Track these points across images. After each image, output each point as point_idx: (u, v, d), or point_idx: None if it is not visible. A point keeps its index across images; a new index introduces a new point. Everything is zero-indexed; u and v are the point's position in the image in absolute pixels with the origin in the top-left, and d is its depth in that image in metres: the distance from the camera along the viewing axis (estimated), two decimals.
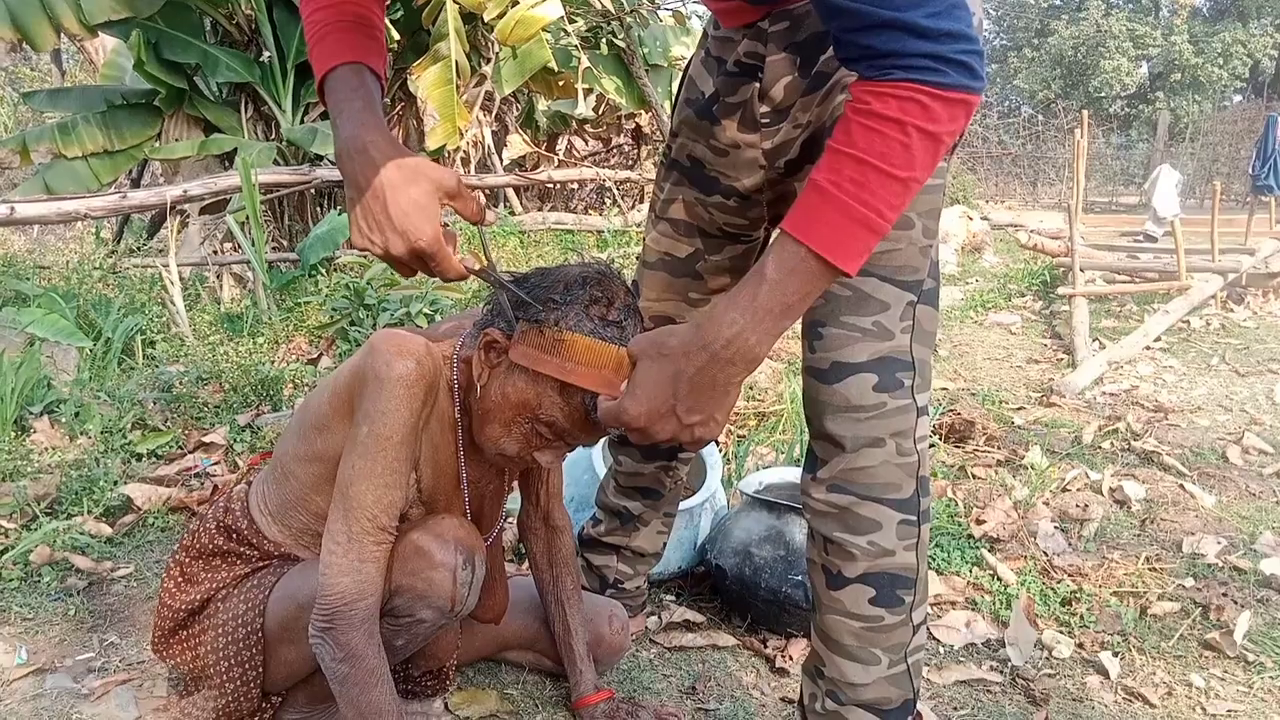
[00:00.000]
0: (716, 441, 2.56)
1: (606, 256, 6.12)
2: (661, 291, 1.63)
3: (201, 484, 2.57)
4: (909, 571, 1.32)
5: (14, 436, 2.77)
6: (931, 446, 2.99)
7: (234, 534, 1.44)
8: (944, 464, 3.00)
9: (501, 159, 8.14)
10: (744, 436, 3.04)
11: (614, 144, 9.48)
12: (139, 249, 6.12)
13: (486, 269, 1.23)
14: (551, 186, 8.69)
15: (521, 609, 1.69)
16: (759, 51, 1.34)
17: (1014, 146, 20.50)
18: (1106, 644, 1.99)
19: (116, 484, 2.44)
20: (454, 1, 6.35)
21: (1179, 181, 11.78)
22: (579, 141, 9.49)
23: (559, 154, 8.89)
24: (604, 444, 2.07)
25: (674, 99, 1.59)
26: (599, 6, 7.19)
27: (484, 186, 7.47)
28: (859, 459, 1.30)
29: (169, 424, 2.99)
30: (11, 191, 7.25)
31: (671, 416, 1.06)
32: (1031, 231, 8.08)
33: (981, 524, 2.47)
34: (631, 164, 9.01)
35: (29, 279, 4.76)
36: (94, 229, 6.76)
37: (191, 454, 2.77)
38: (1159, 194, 10.84)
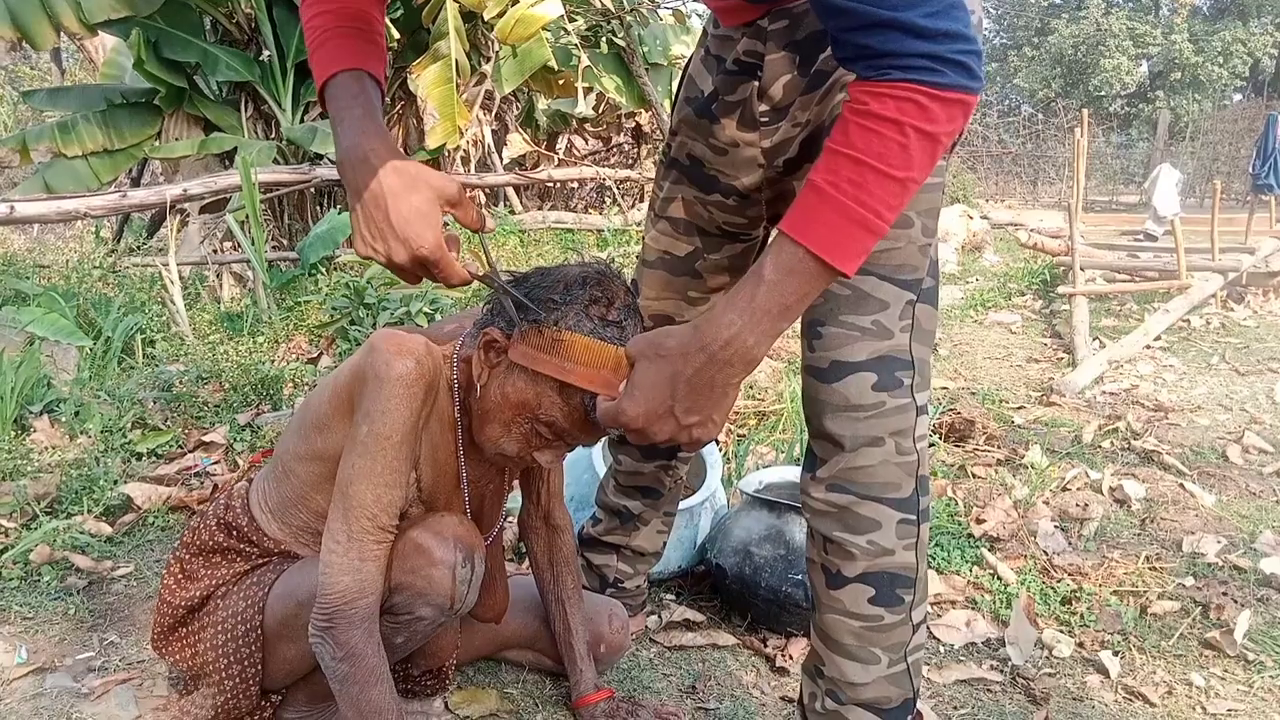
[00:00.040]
0: (716, 441, 2.56)
1: (606, 255, 6.13)
2: (661, 290, 1.63)
3: (201, 483, 2.58)
4: (908, 571, 1.32)
5: (14, 435, 2.77)
6: (931, 445, 3.00)
7: (234, 531, 1.44)
8: (944, 463, 3.00)
9: (501, 158, 8.14)
10: (744, 435, 3.04)
11: (614, 143, 9.48)
12: (139, 248, 6.11)
13: (489, 274, 1.23)
14: (551, 185, 8.69)
15: (522, 608, 1.69)
16: (758, 50, 1.34)
17: (1014, 145, 20.49)
18: (1107, 643, 1.99)
19: (116, 483, 2.44)
20: (454, 0, 6.35)
21: (1179, 180, 11.79)
22: (579, 140, 9.49)
23: (559, 153, 8.88)
24: (604, 443, 2.07)
25: (674, 97, 1.59)
26: (599, 5, 7.18)
27: (484, 185, 7.47)
28: (858, 458, 1.30)
29: (169, 423, 2.99)
30: (11, 190, 7.25)
31: (670, 417, 1.06)
32: (1031, 230, 8.07)
33: (981, 523, 2.47)
34: (631, 163, 9.01)
35: (29, 278, 4.76)
36: (94, 228, 6.76)
37: (191, 453, 2.78)
38: (1159, 193, 10.85)
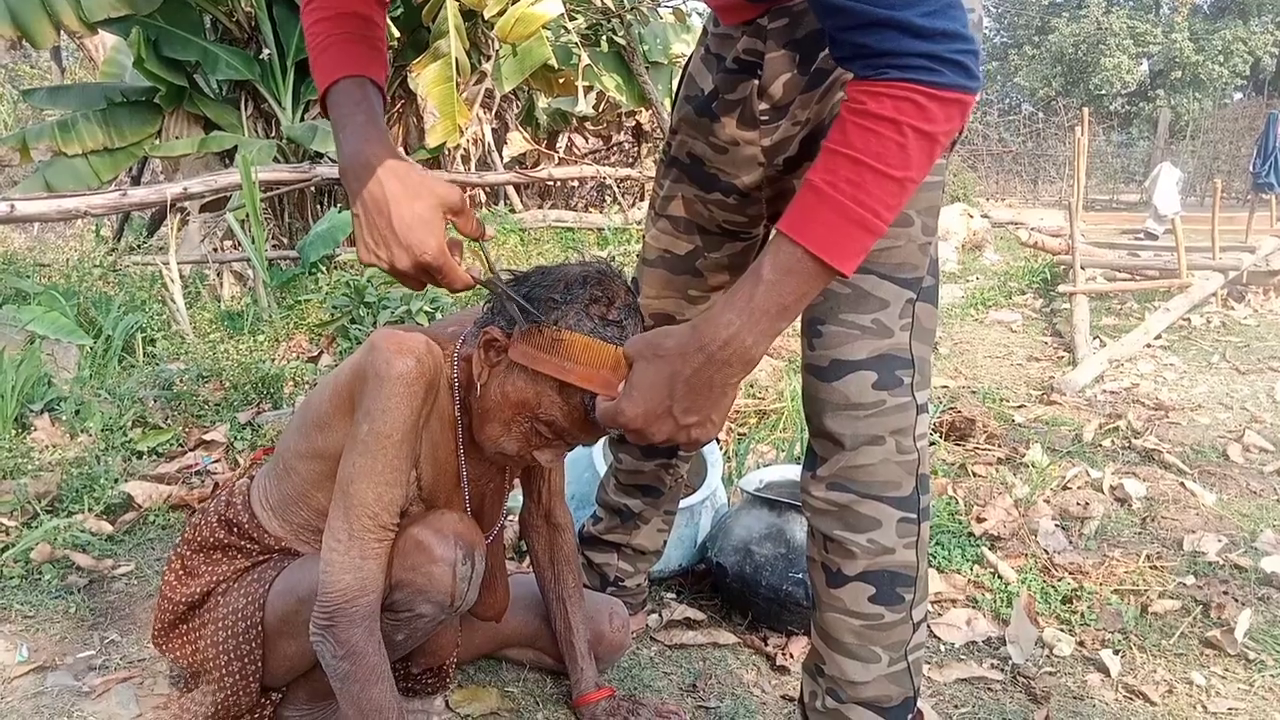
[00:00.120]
0: (717, 439, 2.56)
1: (607, 254, 6.13)
2: (661, 289, 1.63)
3: (202, 481, 2.58)
4: (909, 569, 1.32)
5: (15, 434, 2.77)
6: (932, 444, 2.99)
7: (235, 528, 1.44)
8: (944, 462, 3.00)
9: (502, 156, 8.14)
10: (744, 434, 3.04)
11: (614, 141, 9.48)
12: (139, 247, 6.10)
13: (493, 280, 1.23)
14: (552, 184, 8.68)
15: (522, 606, 1.69)
16: (758, 48, 1.34)
17: (1014, 144, 20.48)
18: (1107, 642, 1.99)
19: (117, 482, 2.44)
20: None
21: (1180, 179, 11.77)
22: (579, 139, 9.49)
23: (559, 151, 8.88)
24: (605, 442, 2.07)
25: (674, 96, 1.59)
26: (599, 4, 7.17)
27: (484, 184, 7.47)
28: (859, 457, 1.30)
29: (169, 422, 2.99)
30: (11, 189, 7.25)
31: (668, 418, 1.06)
32: (1032, 229, 8.07)
33: (982, 522, 2.48)
34: (632, 161, 9.01)
35: (29, 276, 4.75)
36: (94, 226, 6.76)
37: (192, 452, 2.78)
38: (1160, 191, 10.84)
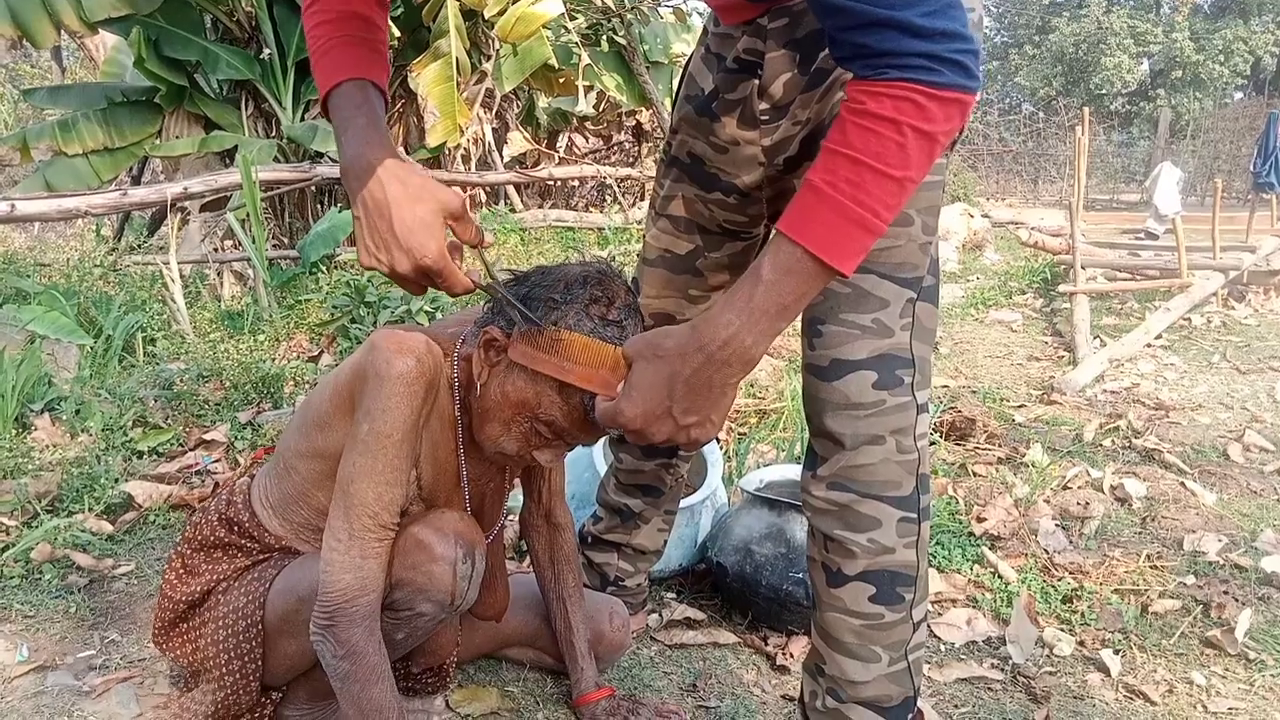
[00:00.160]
0: (717, 439, 2.56)
1: (607, 254, 6.13)
2: (661, 288, 1.63)
3: (202, 481, 2.58)
4: (909, 569, 1.32)
5: (15, 434, 2.77)
6: (932, 444, 3.00)
7: (235, 526, 1.44)
8: (945, 461, 3.00)
9: (502, 156, 8.14)
10: (745, 434, 3.04)
11: (615, 141, 9.48)
12: (139, 246, 6.11)
13: (493, 284, 1.23)
14: (552, 184, 8.68)
15: (522, 606, 1.69)
16: (758, 48, 1.34)
17: (1015, 144, 20.48)
18: (1107, 642, 1.99)
19: (117, 481, 2.44)
20: None
21: (1180, 179, 11.77)
22: (579, 138, 9.49)
23: (559, 151, 8.88)
24: (605, 441, 2.07)
25: (674, 96, 1.59)
26: (599, 3, 7.17)
27: (485, 183, 7.47)
28: (859, 456, 1.30)
29: (170, 421, 2.99)
30: (12, 189, 7.25)
31: (668, 418, 1.06)
32: (1032, 229, 8.07)
33: (982, 521, 2.48)
34: (632, 161, 9.01)
35: (30, 276, 4.76)
36: (94, 226, 6.76)
37: (192, 451, 2.78)
38: (1160, 191, 10.84)
